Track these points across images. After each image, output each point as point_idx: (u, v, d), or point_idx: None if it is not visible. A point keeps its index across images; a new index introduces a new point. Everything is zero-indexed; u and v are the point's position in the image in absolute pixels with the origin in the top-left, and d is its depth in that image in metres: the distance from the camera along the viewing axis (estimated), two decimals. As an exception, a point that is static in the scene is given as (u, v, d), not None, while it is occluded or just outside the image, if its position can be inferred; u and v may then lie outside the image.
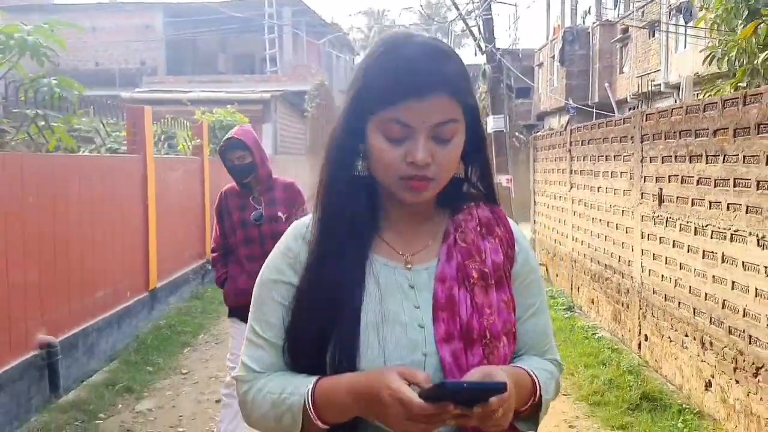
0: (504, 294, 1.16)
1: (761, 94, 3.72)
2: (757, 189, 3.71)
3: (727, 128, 4.04)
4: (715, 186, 4.20)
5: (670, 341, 4.90)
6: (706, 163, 4.31)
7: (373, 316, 1.10)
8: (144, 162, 6.26)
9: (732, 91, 6.63)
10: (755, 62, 6.37)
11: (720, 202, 4.13)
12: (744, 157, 3.85)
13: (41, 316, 4.42)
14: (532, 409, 1.16)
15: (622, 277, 5.92)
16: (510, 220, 1.25)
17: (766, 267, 3.62)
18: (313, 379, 1.09)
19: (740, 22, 7.14)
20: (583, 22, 27.04)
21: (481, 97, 13.83)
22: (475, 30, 9.57)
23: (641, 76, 20.27)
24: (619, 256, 6.00)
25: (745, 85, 6.70)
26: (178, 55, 22.77)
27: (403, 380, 0.98)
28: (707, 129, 4.30)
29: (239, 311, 3.51)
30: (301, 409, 1.06)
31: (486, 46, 9.13)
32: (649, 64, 20.33)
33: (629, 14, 22.38)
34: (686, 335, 4.62)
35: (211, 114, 9.13)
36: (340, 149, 1.13)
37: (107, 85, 18.42)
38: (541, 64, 28.42)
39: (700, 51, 9.58)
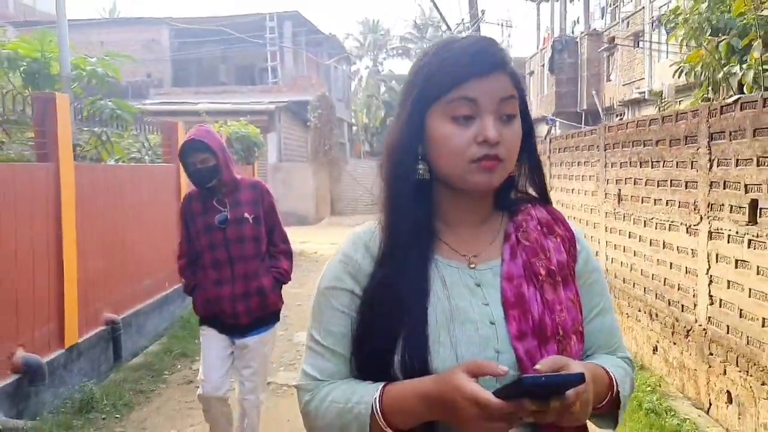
0: (570, 292, 1.16)
1: (687, 113, 4.70)
2: (686, 188, 4.67)
3: (665, 139, 5.01)
4: (657, 186, 5.16)
5: (628, 317, 5.85)
6: (651, 168, 5.28)
7: (442, 316, 1.10)
8: (178, 170, 7.20)
9: (700, 101, 7.60)
10: (718, 76, 7.36)
11: (661, 199, 5.10)
12: (677, 162, 4.82)
13: (107, 299, 5.36)
14: (609, 406, 1.14)
15: (592, 266, 6.87)
16: (569, 221, 1.25)
17: (692, 250, 4.58)
18: (379, 386, 1.08)
19: (705, 39, 8.14)
20: (572, 31, 27.97)
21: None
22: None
23: (627, 84, 21.20)
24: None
25: (710, 96, 7.69)
26: (181, 66, 23.75)
27: (472, 379, 0.98)
28: (651, 140, 5.27)
29: (210, 320, 3.43)
30: (369, 418, 1.06)
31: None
32: (634, 73, 21.17)
33: (615, 24, 23.40)
34: (639, 310, 5.58)
35: (227, 126, 10.08)
36: (401, 152, 1.15)
37: (120, 97, 19.34)
38: (532, 73, 29.19)
39: (670, 66, 10.53)
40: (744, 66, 6.92)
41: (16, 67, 5.18)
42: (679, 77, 8.47)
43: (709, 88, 7.42)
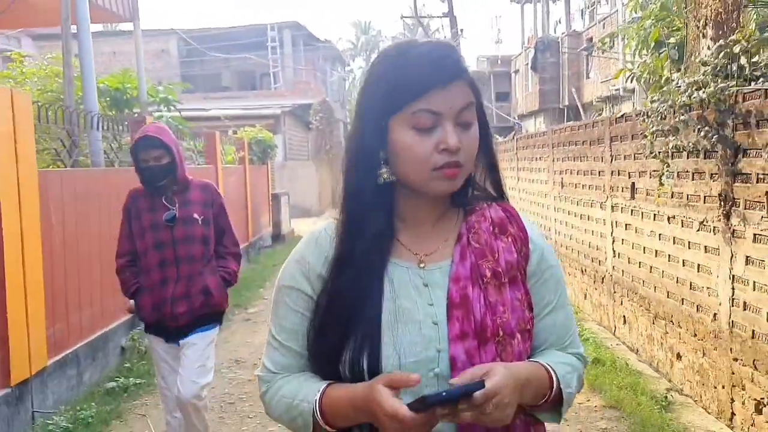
0: (518, 292, 1.19)
1: (598, 122, 6.52)
2: (599, 176, 6.49)
3: (587, 140, 6.83)
4: (584, 175, 6.98)
5: (569, 275, 7.68)
6: (580, 161, 7.10)
7: (387, 316, 1.14)
8: (216, 170, 9.00)
9: (650, 102, 9.41)
10: (661, 81, 9.15)
11: (585, 184, 6.92)
12: (593, 157, 6.64)
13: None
14: (552, 403, 1.18)
15: (548, 240, 8.69)
16: (525, 219, 1.27)
17: (603, 219, 6.40)
18: (322, 386, 1.15)
19: (650, 50, 9.94)
20: (554, 31, 29.61)
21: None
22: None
23: (604, 81, 22.85)
24: (545, 226, 8.79)
25: (657, 97, 9.50)
26: (188, 73, 25.48)
27: (391, 393, 1.04)
28: (579, 141, 7.09)
29: (158, 328, 3.31)
30: (311, 416, 1.14)
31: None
32: (610, 71, 22.76)
33: (593, 25, 25.11)
34: (575, 269, 7.41)
35: (246, 131, 11.88)
36: (364, 157, 1.17)
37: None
38: (517, 71, 30.69)
39: (617, 76, 12.31)
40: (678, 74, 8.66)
41: (105, 95, 6.98)
42: (631, 82, 10.30)
43: (657, 91, 9.24)
